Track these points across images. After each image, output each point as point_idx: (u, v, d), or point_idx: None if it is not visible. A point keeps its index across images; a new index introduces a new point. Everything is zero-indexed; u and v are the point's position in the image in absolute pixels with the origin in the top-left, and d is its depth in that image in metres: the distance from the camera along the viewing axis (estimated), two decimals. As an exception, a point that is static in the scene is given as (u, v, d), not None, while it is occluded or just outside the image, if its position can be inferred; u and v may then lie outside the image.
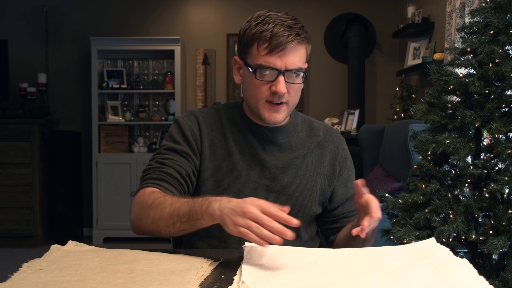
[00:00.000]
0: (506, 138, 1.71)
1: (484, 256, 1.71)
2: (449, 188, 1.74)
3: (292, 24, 1.21)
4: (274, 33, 1.18)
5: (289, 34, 1.18)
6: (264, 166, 1.30)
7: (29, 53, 4.94)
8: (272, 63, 1.19)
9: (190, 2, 5.04)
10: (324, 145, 1.38)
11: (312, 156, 1.35)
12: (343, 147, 1.40)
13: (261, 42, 1.20)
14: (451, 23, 3.11)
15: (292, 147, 1.34)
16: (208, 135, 1.32)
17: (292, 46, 1.19)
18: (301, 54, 1.22)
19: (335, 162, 1.37)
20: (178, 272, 0.90)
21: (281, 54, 1.19)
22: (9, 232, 4.37)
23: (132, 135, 5.05)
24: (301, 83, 1.24)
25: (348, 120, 4.71)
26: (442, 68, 1.83)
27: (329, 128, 1.42)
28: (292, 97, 1.25)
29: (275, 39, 1.18)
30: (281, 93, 1.20)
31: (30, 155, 4.42)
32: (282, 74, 1.20)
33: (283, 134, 1.34)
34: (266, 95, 1.23)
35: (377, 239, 1.87)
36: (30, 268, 0.91)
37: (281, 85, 1.20)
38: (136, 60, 5.04)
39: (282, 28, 1.19)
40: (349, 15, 4.96)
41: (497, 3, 1.70)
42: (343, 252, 1.00)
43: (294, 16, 1.27)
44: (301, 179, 1.32)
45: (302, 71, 1.23)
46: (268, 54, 1.19)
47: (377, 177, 3.24)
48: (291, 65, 1.20)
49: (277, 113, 1.25)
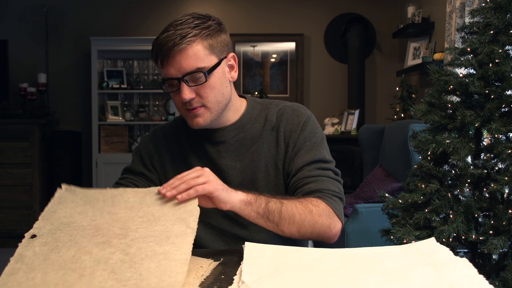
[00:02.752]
0: (506, 138, 1.71)
1: (484, 256, 1.71)
2: (449, 188, 1.74)
3: (181, 27, 1.16)
4: (160, 43, 1.17)
5: (173, 38, 1.15)
6: (222, 169, 1.29)
7: (29, 53, 4.94)
8: (168, 74, 1.18)
9: (190, 2, 5.04)
10: (278, 128, 1.30)
11: (269, 144, 1.30)
12: (298, 121, 1.30)
13: (156, 57, 1.20)
14: (451, 23, 3.11)
15: (248, 142, 1.30)
16: (168, 150, 1.34)
17: (179, 49, 1.15)
18: (194, 54, 1.16)
19: (289, 140, 1.29)
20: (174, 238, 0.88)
21: (172, 62, 1.16)
22: (9, 232, 4.38)
23: (132, 135, 5.05)
24: (206, 82, 1.18)
25: (348, 120, 4.71)
26: (442, 68, 1.83)
27: (284, 107, 1.33)
28: (206, 97, 1.20)
29: (160, 51, 1.17)
30: (185, 100, 1.18)
31: (30, 155, 4.42)
32: (183, 80, 1.17)
33: (234, 132, 1.31)
34: (181, 104, 1.21)
35: (377, 239, 1.87)
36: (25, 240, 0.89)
37: (184, 92, 1.17)
38: (136, 60, 5.04)
39: (167, 35, 1.16)
40: (349, 15, 4.96)
41: (497, 3, 1.70)
42: (343, 252, 1.00)
43: (197, 15, 1.20)
44: (261, 172, 1.29)
45: (202, 70, 1.17)
46: (163, 66, 1.19)
47: (377, 177, 3.24)
48: (185, 69, 1.16)
49: (197, 117, 1.22)
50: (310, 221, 1.13)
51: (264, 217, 1.09)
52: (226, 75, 1.25)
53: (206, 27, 1.18)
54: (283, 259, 0.95)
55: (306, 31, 5.07)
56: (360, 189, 3.33)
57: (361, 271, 0.88)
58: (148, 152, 1.36)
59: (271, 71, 5.16)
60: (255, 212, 1.08)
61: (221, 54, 1.22)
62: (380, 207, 2.08)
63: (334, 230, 1.19)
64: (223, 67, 1.23)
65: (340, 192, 1.26)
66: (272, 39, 5.09)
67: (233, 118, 1.32)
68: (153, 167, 1.35)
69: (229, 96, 1.27)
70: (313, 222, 1.13)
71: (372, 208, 2.85)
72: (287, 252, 0.99)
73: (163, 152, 1.35)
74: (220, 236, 1.31)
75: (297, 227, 1.12)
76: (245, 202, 1.07)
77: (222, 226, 1.31)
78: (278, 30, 5.06)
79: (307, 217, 1.13)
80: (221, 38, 1.22)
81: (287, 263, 0.92)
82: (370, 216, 2.81)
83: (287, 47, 5.12)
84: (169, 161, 1.34)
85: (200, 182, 1.01)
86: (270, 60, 5.16)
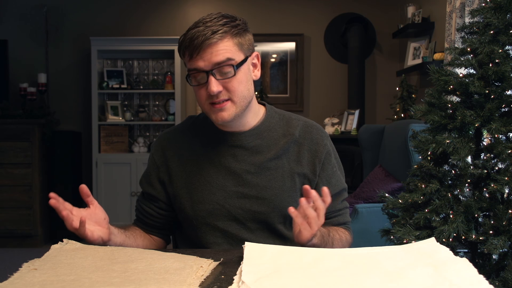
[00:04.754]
0: (506, 138, 1.71)
1: (484, 256, 1.71)
2: (449, 188, 1.74)
3: (210, 23, 1.19)
4: (190, 37, 1.18)
5: (204, 33, 1.17)
6: (236, 173, 1.30)
7: (29, 53, 4.94)
8: (197, 66, 1.19)
9: (190, 2, 5.04)
10: (301, 143, 1.34)
11: (288, 156, 1.32)
12: (323, 143, 1.36)
13: (185, 50, 1.21)
14: (451, 23, 3.11)
15: (264, 149, 1.32)
16: (176, 156, 1.35)
17: (210, 43, 1.17)
18: (225, 47, 1.19)
19: (315, 160, 1.33)
20: (173, 270, 0.91)
21: (202, 55, 1.18)
22: (9, 232, 4.37)
23: (132, 135, 5.05)
24: (235, 75, 1.20)
25: (348, 120, 4.71)
26: (442, 68, 1.83)
27: (309, 125, 1.37)
28: (233, 91, 1.22)
29: (191, 43, 1.18)
30: (213, 92, 1.19)
31: (30, 155, 4.42)
32: (211, 73, 1.19)
33: (253, 137, 1.32)
34: (206, 98, 1.22)
35: (377, 239, 1.87)
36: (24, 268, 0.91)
37: (212, 84, 1.19)
38: (136, 60, 5.04)
39: (197, 30, 1.18)
40: (349, 15, 4.96)
41: (497, 3, 1.70)
42: (343, 252, 1.00)
43: (225, 14, 1.24)
44: (277, 181, 1.30)
45: (232, 62, 1.20)
46: (191, 59, 1.20)
47: (377, 177, 3.24)
48: (215, 60, 1.18)
49: (222, 112, 1.23)
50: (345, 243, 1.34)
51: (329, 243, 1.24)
52: (251, 73, 1.28)
53: (235, 25, 1.22)
54: (283, 259, 0.95)
55: (306, 31, 5.07)
56: (360, 189, 3.33)
57: (361, 271, 0.88)
58: (154, 164, 1.38)
59: (271, 71, 5.16)
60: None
61: (248, 52, 1.25)
62: (380, 207, 2.08)
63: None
64: (249, 64, 1.26)
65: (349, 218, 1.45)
66: (272, 39, 5.09)
67: (251, 123, 1.33)
68: (159, 181, 1.37)
69: (253, 94, 1.29)
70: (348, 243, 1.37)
71: (372, 208, 2.85)
72: (287, 252, 0.99)
73: (170, 159, 1.35)
74: (226, 238, 1.31)
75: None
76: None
77: (229, 229, 1.31)
78: (278, 30, 5.06)
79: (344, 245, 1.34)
80: (248, 37, 1.26)
81: (287, 263, 0.92)
82: (370, 216, 2.81)
83: (287, 47, 5.12)
84: (177, 164, 1.34)
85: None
86: (270, 60, 5.16)
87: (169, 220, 1.40)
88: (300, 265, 0.92)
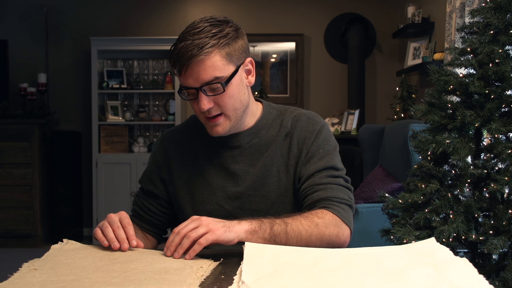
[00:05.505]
0: (506, 138, 1.71)
1: (484, 256, 1.71)
2: (449, 188, 1.74)
3: (198, 36, 1.15)
4: (177, 53, 1.16)
5: (191, 50, 1.14)
6: (235, 174, 1.30)
7: (29, 53, 4.94)
8: (187, 84, 1.18)
9: (190, 2, 5.04)
10: (292, 134, 1.31)
11: (282, 150, 1.31)
12: (313, 129, 1.30)
13: (174, 65, 1.19)
14: (451, 23, 3.11)
15: (262, 147, 1.31)
16: (177, 156, 1.35)
17: (197, 60, 1.14)
18: (212, 63, 1.16)
19: (303, 147, 1.29)
20: (173, 270, 0.91)
21: (190, 72, 1.16)
22: (9, 232, 4.37)
23: (132, 135, 5.05)
24: (225, 91, 1.18)
25: (348, 120, 4.72)
26: (442, 68, 1.83)
27: (299, 115, 1.34)
28: (224, 106, 1.20)
29: (178, 60, 1.16)
30: (203, 110, 1.18)
31: (30, 155, 4.42)
32: (201, 90, 1.17)
33: (250, 137, 1.32)
34: (200, 112, 1.22)
35: (377, 239, 1.87)
36: (24, 268, 0.91)
37: (202, 102, 1.18)
38: (136, 60, 5.04)
39: (184, 45, 1.15)
40: (349, 15, 4.96)
41: (497, 3, 1.70)
42: (343, 252, 1.00)
43: (215, 21, 1.19)
44: (273, 177, 1.29)
45: (221, 80, 1.17)
46: (181, 76, 1.19)
47: (377, 177, 3.24)
48: (203, 79, 1.16)
49: (217, 127, 1.23)
50: (317, 234, 1.13)
51: (271, 240, 1.10)
52: (243, 81, 1.24)
53: (223, 35, 1.18)
54: (283, 259, 0.95)
55: (306, 31, 5.07)
56: (360, 189, 3.33)
57: (361, 271, 0.88)
58: (156, 162, 1.38)
59: (271, 71, 5.16)
60: (262, 239, 1.09)
61: (239, 61, 1.22)
62: (380, 207, 2.08)
63: (343, 237, 1.19)
64: (240, 73, 1.23)
65: (349, 199, 1.27)
66: (272, 39, 5.09)
67: (249, 123, 1.32)
68: (160, 179, 1.37)
69: (247, 101, 1.27)
70: (320, 234, 1.14)
71: (372, 208, 2.85)
72: (287, 252, 0.99)
73: (171, 158, 1.36)
74: None
75: (306, 243, 1.12)
76: (250, 231, 1.08)
77: None
78: (278, 30, 5.06)
79: (313, 231, 1.13)
80: (239, 45, 1.21)
81: (287, 263, 0.93)
82: (370, 216, 2.81)
83: (287, 47, 5.12)
84: (179, 164, 1.35)
85: (201, 233, 1.02)
86: (270, 60, 5.16)
87: (167, 219, 1.40)
88: (300, 265, 0.92)
